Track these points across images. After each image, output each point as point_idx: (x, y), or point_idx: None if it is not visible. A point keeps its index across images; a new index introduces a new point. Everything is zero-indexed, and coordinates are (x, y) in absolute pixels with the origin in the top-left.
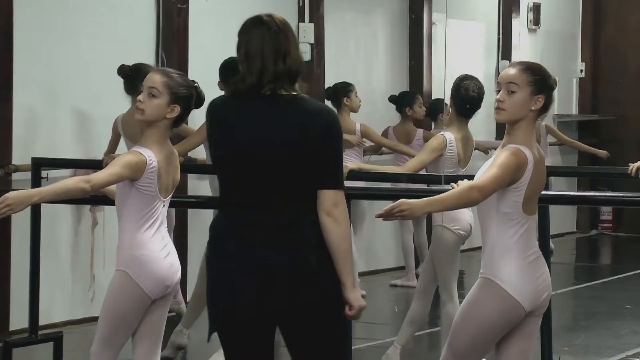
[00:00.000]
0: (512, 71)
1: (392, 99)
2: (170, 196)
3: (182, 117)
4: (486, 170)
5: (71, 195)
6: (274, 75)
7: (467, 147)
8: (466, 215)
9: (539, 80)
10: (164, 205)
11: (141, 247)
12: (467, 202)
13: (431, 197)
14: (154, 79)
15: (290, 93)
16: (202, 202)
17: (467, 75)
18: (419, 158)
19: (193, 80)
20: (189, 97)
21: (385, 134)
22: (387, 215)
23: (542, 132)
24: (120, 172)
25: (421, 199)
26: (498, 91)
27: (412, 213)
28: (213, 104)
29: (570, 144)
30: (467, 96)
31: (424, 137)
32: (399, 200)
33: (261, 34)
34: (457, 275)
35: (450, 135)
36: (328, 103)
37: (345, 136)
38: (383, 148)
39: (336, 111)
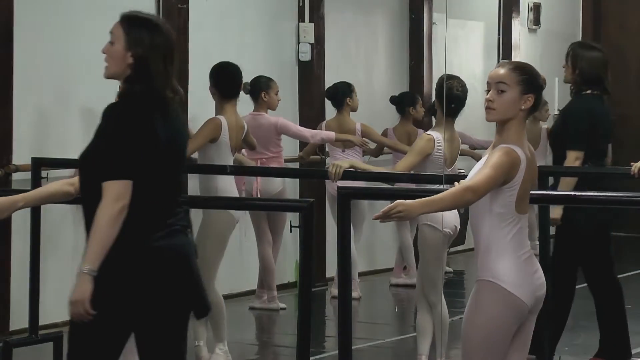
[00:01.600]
0: (501, 71)
1: (393, 100)
2: None
3: None
4: (479, 170)
5: (56, 198)
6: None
7: (453, 148)
8: (451, 214)
9: (528, 79)
10: None
11: None
12: (462, 202)
13: (427, 198)
14: None
15: None
16: (202, 202)
17: (449, 75)
18: (407, 161)
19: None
20: None
21: (384, 135)
22: (384, 217)
23: (543, 134)
24: None
25: (417, 200)
26: (488, 91)
27: (409, 214)
28: (146, 111)
29: None
30: (451, 95)
31: None
32: (396, 202)
33: (171, 40)
34: (443, 274)
35: (438, 136)
36: (328, 103)
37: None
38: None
39: (336, 111)
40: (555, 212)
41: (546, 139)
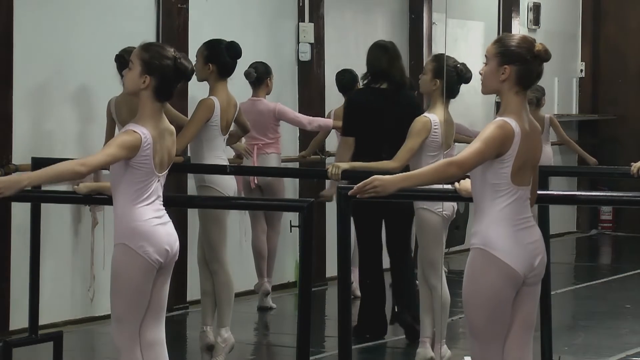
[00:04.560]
0: (490, 44)
1: None
2: (166, 172)
3: (163, 89)
4: (471, 144)
5: (65, 178)
6: None
7: (450, 130)
8: None
9: (504, 51)
10: (158, 181)
11: (137, 218)
12: (444, 177)
13: (406, 172)
14: (133, 52)
15: None
16: (200, 202)
17: (450, 56)
18: (406, 147)
19: (175, 52)
20: (163, 67)
21: None
22: (360, 192)
23: (546, 124)
24: (116, 152)
25: (396, 175)
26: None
27: (385, 189)
28: None
29: (567, 142)
30: (461, 78)
31: None
32: (372, 177)
33: None
34: (443, 257)
35: (435, 118)
36: (332, 92)
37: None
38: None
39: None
40: (331, 190)
41: (549, 129)
